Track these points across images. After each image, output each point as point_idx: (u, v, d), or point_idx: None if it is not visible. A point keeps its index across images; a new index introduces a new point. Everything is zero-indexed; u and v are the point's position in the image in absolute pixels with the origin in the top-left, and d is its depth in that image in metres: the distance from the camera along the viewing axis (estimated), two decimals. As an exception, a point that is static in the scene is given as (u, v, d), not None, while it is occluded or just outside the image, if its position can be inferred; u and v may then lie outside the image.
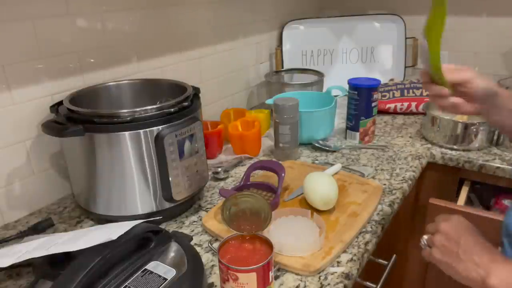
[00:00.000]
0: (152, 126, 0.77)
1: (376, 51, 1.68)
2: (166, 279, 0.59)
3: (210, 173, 1.04)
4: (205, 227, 0.83)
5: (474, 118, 1.15)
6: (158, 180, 0.80)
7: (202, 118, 0.91)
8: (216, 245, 0.78)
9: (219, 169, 1.05)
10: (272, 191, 0.93)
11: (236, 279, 0.59)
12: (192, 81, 1.24)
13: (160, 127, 0.77)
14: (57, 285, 0.53)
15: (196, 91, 0.91)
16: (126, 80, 1.01)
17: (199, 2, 1.25)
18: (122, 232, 0.61)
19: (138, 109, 0.76)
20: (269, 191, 0.94)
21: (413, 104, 1.42)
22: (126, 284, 0.58)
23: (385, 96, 1.45)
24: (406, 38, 1.69)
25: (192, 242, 0.75)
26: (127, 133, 0.76)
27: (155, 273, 0.60)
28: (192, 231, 0.84)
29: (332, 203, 0.84)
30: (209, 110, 1.36)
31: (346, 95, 1.22)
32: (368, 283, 0.80)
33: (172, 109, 0.79)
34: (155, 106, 0.78)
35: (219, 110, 1.35)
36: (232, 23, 1.40)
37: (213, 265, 0.74)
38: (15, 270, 0.74)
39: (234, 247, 0.63)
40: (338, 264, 0.73)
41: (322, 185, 0.84)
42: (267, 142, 1.24)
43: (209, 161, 1.10)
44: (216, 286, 0.68)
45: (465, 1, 1.60)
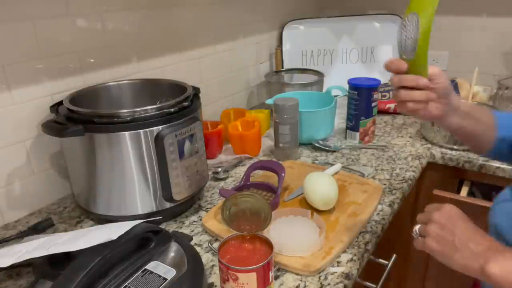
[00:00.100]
0: (152, 126, 0.77)
1: (376, 51, 1.68)
2: (166, 279, 0.59)
3: (210, 173, 1.04)
4: (205, 227, 0.83)
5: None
6: (158, 180, 0.80)
7: (202, 118, 0.91)
8: (216, 245, 0.78)
9: (219, 169, 1.05)
10: (272, 191, 0.93)
11: (236, 279, 0.59)
12: (192, 81, 1.24)
13: (160, 127, 0.77)
14: (57, 285, 0.53)
15: (196, 91, 0.91)
16: (126, 80, 1.01)
17: (199, 2, 1.25)
18: (122, 232, 0.61)
19: (138, 109, 0.76)
20: (269, 191, 0.94)
21: (413, 104, 1.42)
22: (126, 284, 0.58)
23: (385, 96, 1.45)
24: (406, 38, 1.68)
25: (192, 242, 0.75)
26: (127, 133, 0.76)
27: (155, 273, 0.60)
28: (192, 231, 0.84)
29: (332, 203, 0.84)
30: (209, 110, 1.36)
31: (346, 95, 1.22)
32: (368, 283, 0.80)
33: (172, 109, 0.79)
34: (155, 106, 0.78)
35: (219, 110, 1.35)
36: (232, 23, 1.40)
37: (213, 265, 0.74)
38: (15, 270, 0.74)
39: (234, 247, 0.63)
40: (338, 264, 0.73)
41: (322, 185, 0.84)
42: (267, 142, 1.24)
43: (209, 161, 1.10)
44: (216, 286, 0.68)
45: (465, 1, 1.60)
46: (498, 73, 1.56)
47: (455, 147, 1.17)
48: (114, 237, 0.59)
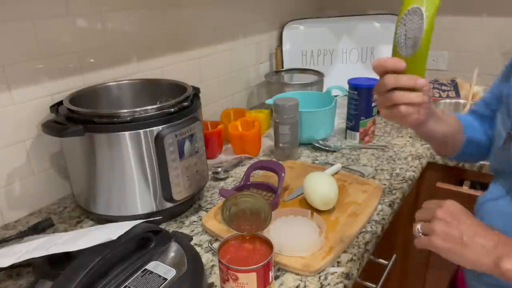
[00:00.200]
0: (152, 126, 0.77)
1: (376, 51, 1.68)
2: (166, 279, 0.59)
3: (210, 173, 1.04)
4: (205, 227, 0.83)
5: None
6: (158, 180, 0.80)
7: (202, 118, 0.91)
8: (216, 245, 0.78)
9: (219, 169, 1.05)
10: (272, 191, 0.93)
11: (236, 279, 0.59)
12: (192, 81, 1.24)
13: (160, 127, 0.77)
14: (57, 285, 0.53)
15: (196, 91, 0.91)
16: (126, 80, 1.01)
17: (199, 2, 1.25)
18: (122, 232, 0.61)
19: (138, 109, 0.76)
20: (269, 191, 0.94)
21: (413, 104, 1.42)
22: (126, 284, 0.58)
23: (385, 96, 1.44)
24: (406, 38, 1.68)
25: (192, 242, 0.75)
26: (127, 133, 0.76)
27: (155, 273, 0.60)
28: (192, 231, 0.84)
29: (332, 203, 0.84)
30: (209, 110, 1.36)
31: (346, 95, 1.22)
32: (368, 283, 0.80)
33: (172, 109, 0.79)
34: (155, 106, 0.78)
35: (219, 110, 1.35)
36: (232, 23, 1.40)
37: (213, 265, 0.74)
38: (15, 270, 0.74)
39: (234, 247, 0.63)
40: (338, 264, 0.73)
41: (322, 185, 0.84)
42: (267, 142, 1.24)
43: (209, 161, 1.10)
44: (216, 286, 0.68)
45: (465, 1, 1.60)
46: (498, 73, 1.56)
47: (455, 147, 1.17)
48: (114, 237, 0.59)
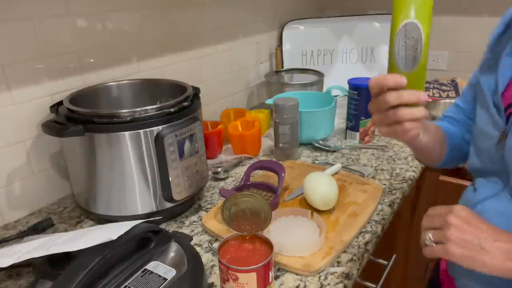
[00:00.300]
0: (152, 126, 0.77)
1: (376, 51, 1.68)
2: (166, 279, 0.59)
3: (210, 173, 1.04)
4: (205, 227, 0.83)
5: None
6: (158, 180, 0.80)
7: (202, 118, 0.91)
8: (216, 245, 0.78)
9: (219, 169, 1.05)
10: (272, 191, 0.93)
11: (236, 279, 0.59)
12: (192, 81, 1.24)
13: (160, 127, 0.77)
14: (57, 285, 0.53)
15: (196, 91, 0.91)
16: (126, 80, 1.01)
17: (199, 2, 1.24)
18: (122, 232, 0.61)
19: (138, 109, 0.76)
20: (269, 191, 0.94)
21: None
22: (126, 284, 0.58)
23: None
24: (406, 38, 1.68)
25: (192, 242, 0.75)
26: (127, 133, 0.76)
27: (155, 273, 0.60)
28: (192, 231, 0.84)
29: (332, 203, 0.84)
30: (209, 110, 1.36)
31: (346, 95, 1.22)
32: (368, 283, 0.80)
33: (172, 109, 0.79)
34: (155, 106, 0.78)
35: (219, 110, 1.35)
36: (232, 23, 1.40)
37: (213, 265, 0.74)
38: (15, 270, 0.74)
39: (234, 247, 0.63)
40: (338, 264, 0.73)
41: (322, 185, 0.84)
42: (267, 142, 1.24)
43: (209, 161, 1.10)
44: (216, 286, 0.68)
45: (465, 1, 1.60)
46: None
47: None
48: (114, 237, 0.59)
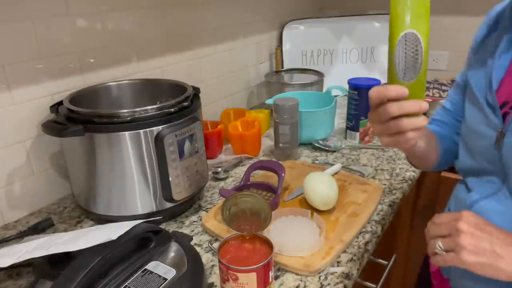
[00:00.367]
0: (152, 126, 0.77)
1: (376, 51, 1.68)
2: (166, 279, 0.59)
3: (210, 173, 1.04)
4: (205, 227, 0.83)
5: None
6: (158, 180, 0.80)
7: (202, 118, 0.91)
8: (216, 245, 0.78)
9: (219, 169, 1.05)
10: (272, 191, 0.93)
11: (236, 279, 0.59)
12: (192, 81, 1.24)
13: (160, 127, 0.77)
14: (57, 285, 0.53)
15: (196, 91, 0.91)
16: (126, 80, 1.01)
17: (199, 2, 1.24)
18: (122, 232, 0.61)
19: (138, 109, 0.76)
20: (269, 191, 0.94)
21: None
22: (126, 284, 0.58)
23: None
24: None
25: (192, 242, 0.75)
26: (127, 133, 0.76)
27: (155, 273, 0.60)
28: (192, 231, 0.84)
29: (332, 203, 0.84)
30: (209, 110, 1.36)
31: (346, 95, 1.22)
32: (368, 283, 0.80)
33: (172, 109, 0.79)
34: (155, 106, 0.78)
35: (219, 110, 1.35)
36: (232, 23, 1.40)
37: (213, 265, 0.74)
38: (15, 270, 0.74)
39: (234, 247, 0.63)
40: (338, 264, 0.73)
41: (322, 185, 0.84)
42: (267, 142, 1.24)
43: (209, 161, 1.10)
44: (216, 286, 0.68)
45: (465, 1, 1.60)
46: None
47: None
48: (114, 237, 0.59)
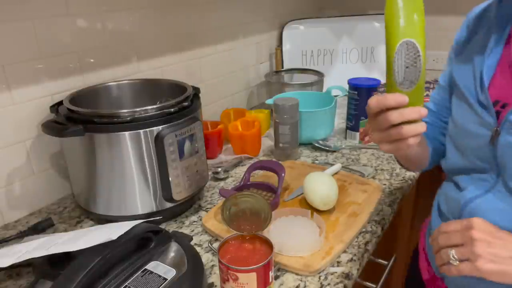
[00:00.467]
0: (152, 126, 0.77)
1: (376, 51, 1.68)
2: (166, 279, 0.59)
3: (210, 173, 1.04)
4: (205, 227, 0.83)
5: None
6: (158, 180, 0.80)
7: (202, 118, 0.91)
8: (216, 245, 0.78)
9: (219, 169, 1.05)
10: (272, 191, 0.93)
11: (236, 279, 0.59)
12: (192, 81, 1.25)
13: (160, 127, 0.77)
14: (57, 285, 0.53)
15: (196, 91, 0.91)
16: (126, 80, 1.01)
17: (199, 2, 1.25)
18: (122, 232, 0.61)
19: (138, 109, 0.76)
20: (269, 191, 0.94)
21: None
22: (126, 284, 0.58)
23: (385, 96, 1.45)
24: (406, 38, 1.69)
25: (192, 242, 0.75)
26: (127, 133, 0.76)
27: (155, 273, 0.60)
28: (192, 231, 0.84)
29: (332, 203, 0.84)
30: (209, 110, 1.36)
31: (346, 95, 1.22)
32: (368, 283, 0.80)
33: (172, 109, 0.79)
34: (155, 106, 0.78)
35: (219, 110, 1.35)
36: (232, 23, 1.40)
37: (213, 265, 0.74)
38: (15, 270, 0.74)
39: (234, 247, 0.63)
40: (338, 264, 0.73)
41: (322, 185, 0.84)
42: (267, 142, 1.24)
43: (209, 161, 1.10)
44: (216, 286, 0.68)
45: (464, 1, 1.60)
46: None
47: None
48: (114, 237, 0.59)
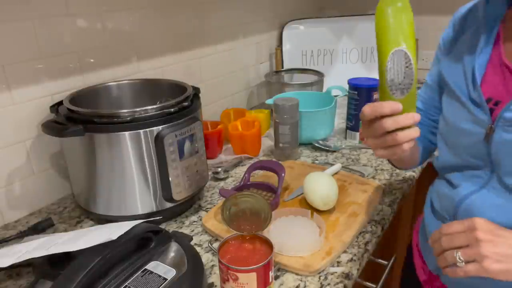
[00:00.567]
0: (152, 126, 0.77)
1: (376, 51, 1.67)
2: (166, 279, 0.59)
3: (210, 173, 1.04)
4: (205, 227, 0.83)
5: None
6: (158, 180, 0.80)
7: (202, 118, 0.91)
8: (216, 245, 0.78)
9: (219, 169, 1.05)
10: (272, 191, 0.93)
11: (236, 279, 0.59)
12: (192, 81, 1.25)
13: (160, 127, 0.77)
14: (57, 285, 0.53)
15: (196, 91, 0.91)
16: (126, 80, 1.01)
17: (199, 2, 1.25)
18: (122, 232, 0.61)
19: (138, 109, 0.76)
20: (269, 191, 0.94)
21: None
22: (126, 284, 0.58)
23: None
24: (406, 38, 1.69)
25: (192, 242, 0.75)
26: (127, 133, 0.76)
27: (155, 273, 0.60)
28: (192, 231, 0.84)
29: (332, 203, 0.84)
30: (209, 110, 1.36)
31: (346, 95, 1.22)
32: (368, 283, 0.80)
33: (172, 109, 0.79)
34: (155, 106, 0.78)
35: (219, 110, 1.35)
36: (232, 23, 1.40)
37: (213, 265, 0.74)
38: (15, 270, 0.74)
39: (234, 247, 0.63)
40: (338, 264, 0.73)
41: (322, 185, 0.84)
42: (267, 142, 1.24)
43: (209, 161, 1.10)
44: (216, 286, 0.68)
45: (464, 1, 1.60)
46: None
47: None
48: (114, 237, 0.59)
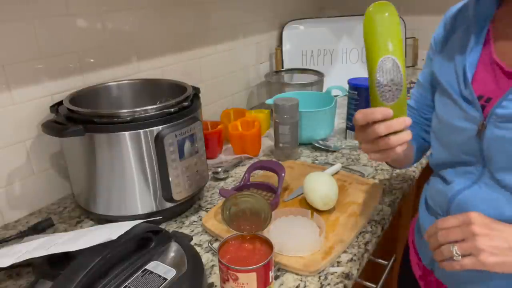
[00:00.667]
0: (152, 126, 0.77)
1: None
2: (166, 279, 0.59)
3: (210, 173, 1.04)
4: (205, 227, 0.83)
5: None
6: (158, 180, 0.80)
7: (202, 118, 0.91)
8: (216, 245, 0.78)
9: (219, 169, 1.05)
10: (272, 191, 0.93)
11: (236, 279, 0.59)
12: (192, 81, 1.25)
13: (160, 127, 0.77)
14: (57, 285, 0.53)
15: (196, 91, 0.91)
16: (126, 80, 1.01)
17: (199, 2, 1.25)
18: (122, 232, 0.61)
19: (138, 109, 0.76)
20: (269, 191, 0.94)
21: (413, 104, 1.42)
22: (126, 284, 0.58)
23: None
24: (406, 38, 1.69)
25: (192, 242, 0.75)
26: (127, 133, 0.76)
27: (155, 273, 0.60)
28: (192, 231, 0.84)
29: (332, 203, 0.84)
30: (209, 110, 1.36)
31: (346, 95, 1.22)
32: (368, 283, 0.80)
33: (172, 109, 0.79)
34: (155, 106, 0.78)
35: (219, 110, 1.35)
36: (232, 23, 1.40)
37: (213, 265, 0.74)
38: (15, 270, 0.74)
39: (234, 247, 0.63)
40: (338, 264, 0.73)
41: (322, 185, 0.84)
42: (267, 142, 1.24)
43: (209, 161, 1.10)
44: (216, 286, 0.68)
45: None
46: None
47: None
48: (114, 237, 0.59)
